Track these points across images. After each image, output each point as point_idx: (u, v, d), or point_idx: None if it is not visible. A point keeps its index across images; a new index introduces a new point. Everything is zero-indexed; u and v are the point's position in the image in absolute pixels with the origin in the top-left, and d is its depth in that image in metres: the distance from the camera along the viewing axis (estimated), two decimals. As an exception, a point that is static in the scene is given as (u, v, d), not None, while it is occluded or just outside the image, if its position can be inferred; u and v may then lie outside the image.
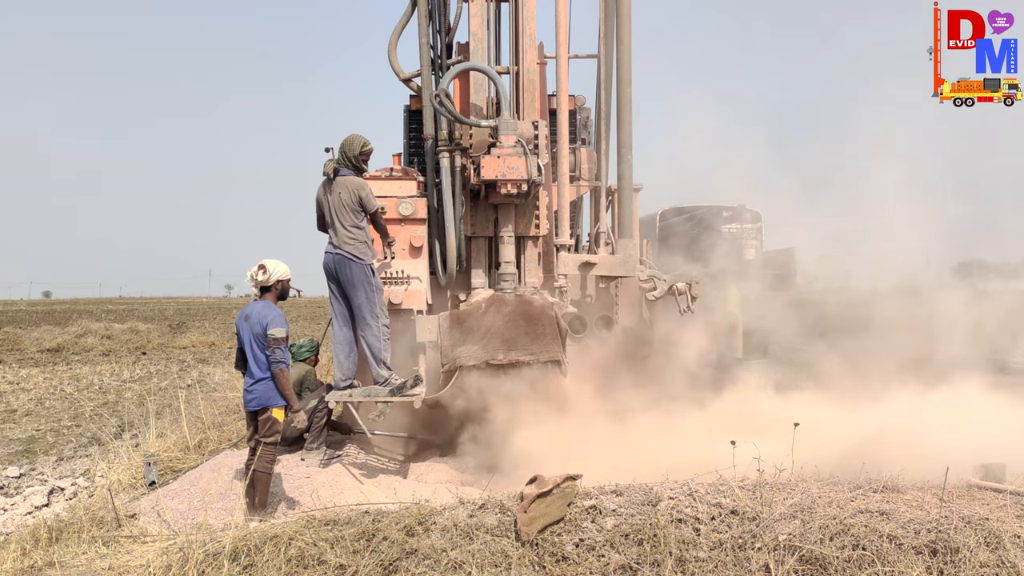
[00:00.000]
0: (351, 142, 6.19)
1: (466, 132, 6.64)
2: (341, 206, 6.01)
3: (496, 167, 6.27)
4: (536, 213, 6.97)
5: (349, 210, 6.01)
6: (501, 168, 6.26)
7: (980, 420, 5.40)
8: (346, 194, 6.01)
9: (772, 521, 3.91)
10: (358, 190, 6.04)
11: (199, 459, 6.91)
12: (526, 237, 7.03)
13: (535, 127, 6.58)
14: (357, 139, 6.21)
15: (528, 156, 6.27)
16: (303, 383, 7.22)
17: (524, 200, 6.74)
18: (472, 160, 6.60)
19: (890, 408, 6.28)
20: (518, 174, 6.25)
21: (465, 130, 6.64)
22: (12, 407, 11.08)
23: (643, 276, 7.37)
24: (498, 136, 6.41)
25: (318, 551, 3.98)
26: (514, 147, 6.31)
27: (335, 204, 6.02)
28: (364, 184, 6.13)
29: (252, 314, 5.33)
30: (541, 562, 3.88)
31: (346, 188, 6.03)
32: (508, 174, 6.26)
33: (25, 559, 4.53)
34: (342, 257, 5.99)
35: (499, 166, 6.26)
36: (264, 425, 5.29)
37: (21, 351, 20.85)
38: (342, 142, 6.22)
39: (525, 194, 6.47)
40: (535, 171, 6.29)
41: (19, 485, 6.85)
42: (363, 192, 6.06)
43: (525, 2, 6.90)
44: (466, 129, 6.63)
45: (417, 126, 7.44)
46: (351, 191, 6.02)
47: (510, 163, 6.26)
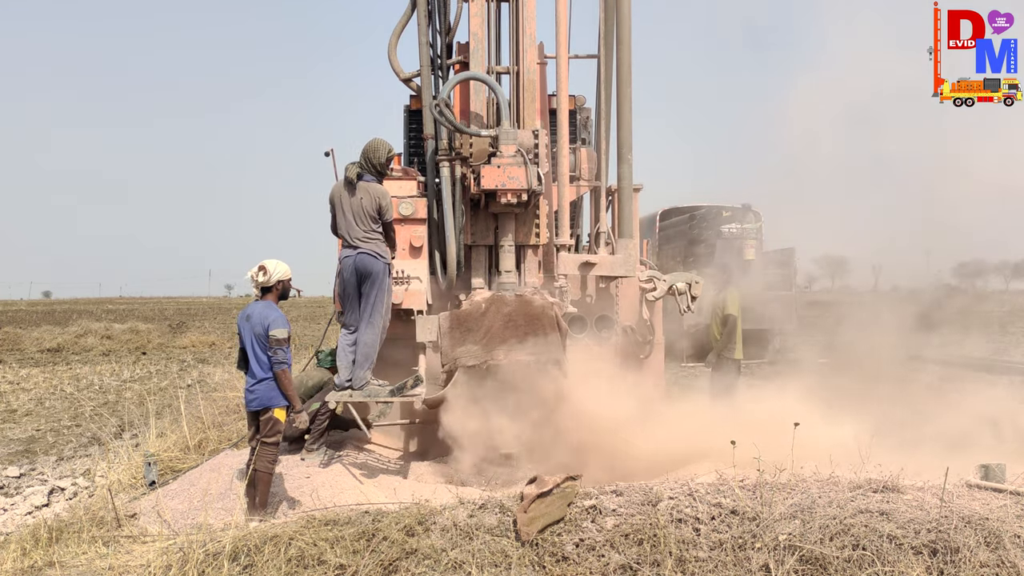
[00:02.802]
0: (376, 148, 6.17)
1: (466, 142, 6.64)
2: (362, 211, 6.01)
3: (496, 177, 6.27)
4: (536, 222, 6.98)
5: (369, 217, 6.02)
6: (501, 178, 6.27)
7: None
8: (368, 200, 6.01)
9: (772, 521, 3.90)
10: (380, 199, 6.04)
11: (199, 459, 6.91)
12: (526, 246, 7.03)
13: (535, 136, 6.58)
14: (382, 145, 6.20)
15: (528, 166, 6.27)
16: (322, 389, 7.23)
17: (524, 209, 6.74)
18: (472, 169, 6.60)
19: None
20: (518, 184, 6.25)
21: (465, 140, 6.64)
22: (12, 407, 11.09)
23: (643, 276, 7.37)
24: (498, 146, 6.41)
25: (318, 551, 3.98)
26: (514, 157, 6.33)
27: (355, 208, 6.02)
28: (386, 193, 6.13)
29: (253, 314, 5.33)
30: (541, 562, 3.88)
31: (368, 194, 6.03)
32: (508, 184, 6.26)
33: (25, 559, 4.53)
34: (364, 254, 5.98)
35: (499, 176, 6.27)
36: (265, 425, 5.29)
37: (21, 351, 20.87)
38: (366, 147, 6.20)
39: (525, 203, 6.48)
40: (535, 180, 6.29)
41: (19, 485, 6.86)
42: (384, 201, 6.06)
43: (525, 2, 6.90)
44: (466, 139, 6.63)
45: (417, 126, 7.44)
46: (373, 198, 6.03)
47: (510, 173, 6.26)
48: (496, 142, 6.44)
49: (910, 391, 7.26)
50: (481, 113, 7.04)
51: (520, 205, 6.47)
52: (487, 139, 6.51)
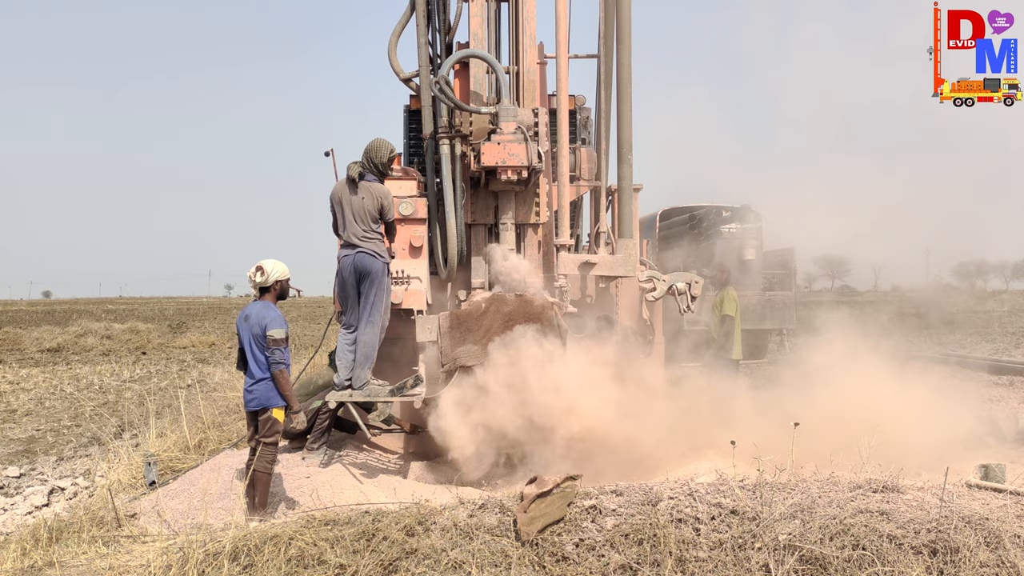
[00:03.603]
0: (378, 148, 6.19)
1: (466, 119, 6.64)
2: (364, 211, 6.02)
3: (496, 153, 6.26)
4: (536, 201, 6.97)
5: (370, 216, 6.03)
6: (501, 154, 6.26)
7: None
8: (370, 200, 6.02)
9: (772, 521, 3.90)
10: (382, 198, 6.06)
11: (199, 459, 6.91)
12: (526, 225, 7.04)
13: (535, 114, 6.59)
14: (384, 145, 6.21)
15: (528, 143, 6.26)
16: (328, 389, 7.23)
17: (524, 187, 6.73)
18: (472, 147, 6.60)
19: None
20: (518, 160, 6.24)
21: (465, 117, 6.64)
22: (12, 407, 11.09)
23: (643, 276, 7.37)
24: (498, 123, 6.40)
25: (318, 551, 3.98)
26: (514, 134, 6.31)
27: (357, 208, 6.02)
28: (388, 193, 6.15)
29: (251, 315, 5.33)
30: (541, 562, 3.87)
31: (370, 194, 6.04)
32: (508, 160, 6.25)
33: (25, 559, 4.53)
34: (364, 254, 5.99)
35: (499, 152, 6.26)
36: (264, 425, 5.29)
37: (21, 351, 20.87)
38: (368, 147, 6.22)
39: (525, 181, 6.47)
40: (535, 158, 6.29)
41: (19, 485, 6.85)
42: (386, 201, 6.08)
43: (525, 2, 6.90)
44: (466, 116, 6.63)
45: (417, 126, 7.44)
46: (375, 198, 6.04)
47: (510, 149, 6.25)
48: (496, 119, 6.43)
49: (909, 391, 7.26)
50: (481, 94, 7.04)
51: (520, 183, 6.46)
52: (487, 116, 6.51)
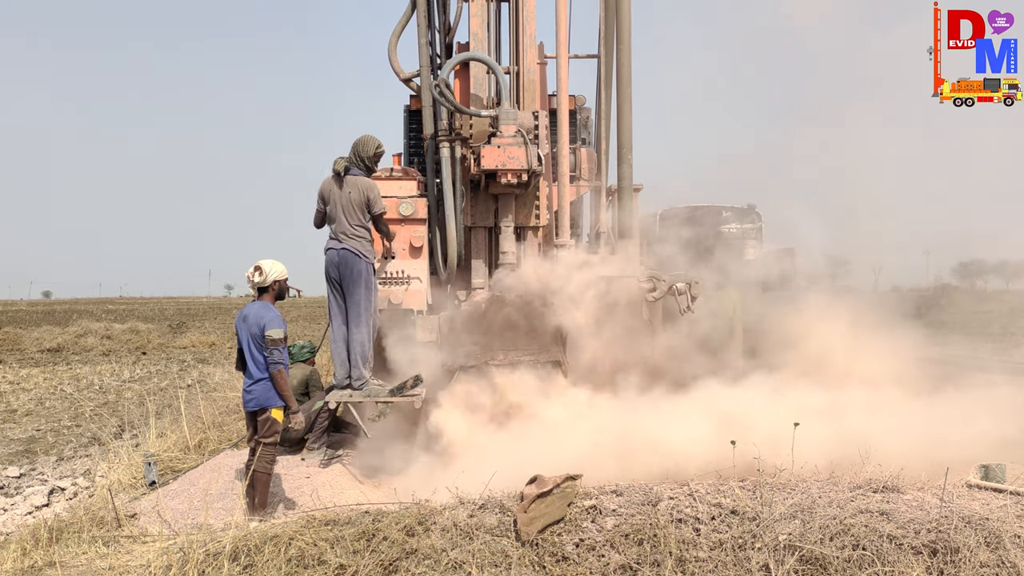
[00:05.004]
0: (365, 143, 6.20)
1: (466, 122, 6.64)
2: (350, 205, 6.01)
3: (496, 156, 6.26)
4: (536, 203, 6.97)
5: (358, 210, 6.03)
6: (501, 158, 6.26)
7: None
8: (356, 194, 6.02)
9: (772, 521, 3.90)
10: (367, 191, 6.06)
11: (199, 459, 6.91)
12: (526, 228, 7.04)
13: (535, 117, 6.59)
14: (371, 140, 6.22)
15: (528, 146, 6.26)
16: (308, 383, 7.21)
17: (524, 190, 6.74)
18: (472, 150, 6.60)
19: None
20: (518, 163, 6.25)
21: (465, 120, 6.64)
22: (12, 407, 11.08)
23: (643, 276, 7.36)
24: (498, 126, 6.41)
25: (318, 551, 3.98)
26: (514, 137, 6.32)
27: (344, 202, 6.03)
28: (374, 186, 6.15)
29: (250, 315, 5.33)
30: (541, 562, 3.87)
31: (356, 188, 6.04)
32: (508, 163, 6.25)
33: (25, 559, 4.53)
34: (347, 252, 5.99)
35: (499, 155, 6.26)
36: (263, 426, 5.29)
37: (21, 351, 20.87)
38: (355, 142, 6.23)
39: (525, 184, 6.47)
40: (535, 161, 6.28)
41: (19, 485, 6.85)
42: (371, 193, 6.08)
43: (525, 2, 6.90)
44: (466, 119, 6.63)
45: (417, 126, 7.45)
46: (361, 191, 6.03)
47: (510, 152, 6.25)
48: (496, 122, 6.43)
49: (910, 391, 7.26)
50: (481, 97, 7.04)
51: (520, 185, 6.46)
52: (487, 119, 6.51)
